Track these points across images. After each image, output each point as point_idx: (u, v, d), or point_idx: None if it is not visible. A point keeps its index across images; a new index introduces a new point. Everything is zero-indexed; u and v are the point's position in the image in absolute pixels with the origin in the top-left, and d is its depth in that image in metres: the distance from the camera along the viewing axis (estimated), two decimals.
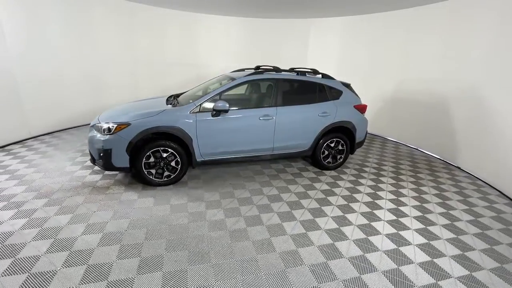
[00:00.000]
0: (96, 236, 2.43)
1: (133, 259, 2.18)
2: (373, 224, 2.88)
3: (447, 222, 3.01)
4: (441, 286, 2.10)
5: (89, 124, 3.66)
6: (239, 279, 2.04)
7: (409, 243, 2.59)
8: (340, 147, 4.19)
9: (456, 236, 2.76)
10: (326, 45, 7.29)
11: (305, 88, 3.99)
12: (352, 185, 3.79)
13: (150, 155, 3.26)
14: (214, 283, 1.99)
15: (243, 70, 4.03)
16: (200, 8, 6.73)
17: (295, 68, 4.31)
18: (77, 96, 5.84)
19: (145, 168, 3.30)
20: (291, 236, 2.59)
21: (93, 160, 3.36)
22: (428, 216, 3.11)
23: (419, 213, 3.15)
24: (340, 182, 3.87)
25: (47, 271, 2.00)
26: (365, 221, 2.92)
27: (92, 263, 2.11)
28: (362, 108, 4.24)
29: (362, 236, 2.66)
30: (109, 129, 3.14)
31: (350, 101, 4.16)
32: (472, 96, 4.43)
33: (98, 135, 3.19)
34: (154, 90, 7.00)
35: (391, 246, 2.54)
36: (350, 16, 6.68)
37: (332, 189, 3.65)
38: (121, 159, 3.18)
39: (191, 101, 3.54)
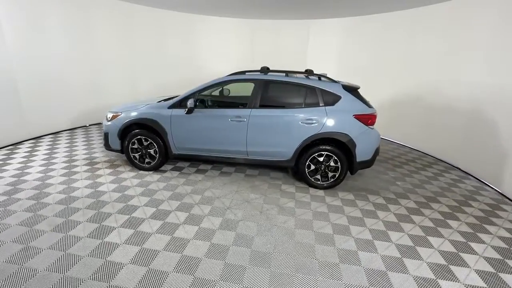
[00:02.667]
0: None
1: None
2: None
3: None
4: None
5: (88, 124, 4.64)
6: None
7: None
8: (332, 164, 3.48)
9: None
10: (326, 46, 7.22)
11: (290, 91, 3.54)
12: (325, 211, 3.09)
13: (135, 141, 3.80)
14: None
15: (243, 72, 3.87)
16: (199, 10, 6.80)
17: (308, 70, 3.85)
18: (77, 97, 5.87)
19: (132, 153, 3.87)
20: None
21: None
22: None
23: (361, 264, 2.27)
24: (314, 204, 3.23)
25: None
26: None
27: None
28: (366, 119, 3.35)
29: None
30: (108, 117, 3.88)
31: (350, 109, 3.37)
32: None
33: (105, 121, 3.99)
34: (153, 90, 7.11)
35: None
36: (350, 17, 6.58)
37: (297, 208, 3.11)
38: (115, 142, 3.85)
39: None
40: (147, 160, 3.86)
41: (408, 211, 3.20)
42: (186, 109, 3.58)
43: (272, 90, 3.58)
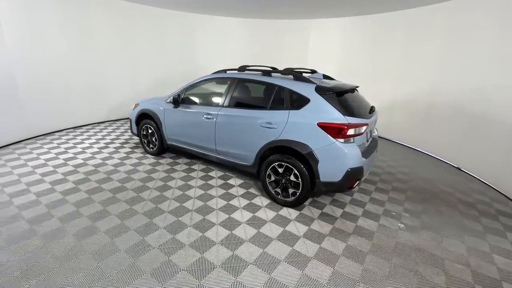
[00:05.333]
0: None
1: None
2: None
3: None
4: None
5: (87, 124, 5.29)
6: None
7: None
8: (293, 178, 2.93)
9: None
10: (326, 46, 7.09)
11: (259, 90, 3.21)
12: (222, 219, 2.68)
13: (144, 129, 4.48)
14: None
15: (225, 71, 3.77)
16: (200, 9, 6.62)
17: (295, 69, 3.44)
18: (77, 97, 5.81)
19: (143, 138, 4.58)
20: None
21: None
22: None
23: None
24: (238, 210, 2.85)
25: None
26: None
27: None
28: (333, 129, 2.60)
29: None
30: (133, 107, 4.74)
31: (316, 116, 2.71)
32: None
33: (131, 110, 4.88)
34: (153, 90, 7.09)
35: None
36: (350, 17, 6.49)
37: (227, 213, 2.85)
38: (134, 127, 4.67)
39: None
40: (151, 145, 4.48)
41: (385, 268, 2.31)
42: (174, 104, 3.93)
43: (242, 89, 3.38)
